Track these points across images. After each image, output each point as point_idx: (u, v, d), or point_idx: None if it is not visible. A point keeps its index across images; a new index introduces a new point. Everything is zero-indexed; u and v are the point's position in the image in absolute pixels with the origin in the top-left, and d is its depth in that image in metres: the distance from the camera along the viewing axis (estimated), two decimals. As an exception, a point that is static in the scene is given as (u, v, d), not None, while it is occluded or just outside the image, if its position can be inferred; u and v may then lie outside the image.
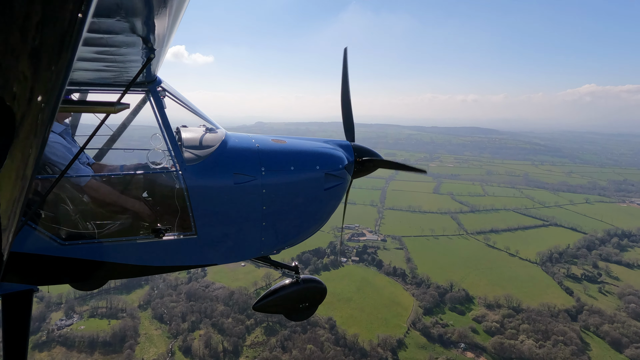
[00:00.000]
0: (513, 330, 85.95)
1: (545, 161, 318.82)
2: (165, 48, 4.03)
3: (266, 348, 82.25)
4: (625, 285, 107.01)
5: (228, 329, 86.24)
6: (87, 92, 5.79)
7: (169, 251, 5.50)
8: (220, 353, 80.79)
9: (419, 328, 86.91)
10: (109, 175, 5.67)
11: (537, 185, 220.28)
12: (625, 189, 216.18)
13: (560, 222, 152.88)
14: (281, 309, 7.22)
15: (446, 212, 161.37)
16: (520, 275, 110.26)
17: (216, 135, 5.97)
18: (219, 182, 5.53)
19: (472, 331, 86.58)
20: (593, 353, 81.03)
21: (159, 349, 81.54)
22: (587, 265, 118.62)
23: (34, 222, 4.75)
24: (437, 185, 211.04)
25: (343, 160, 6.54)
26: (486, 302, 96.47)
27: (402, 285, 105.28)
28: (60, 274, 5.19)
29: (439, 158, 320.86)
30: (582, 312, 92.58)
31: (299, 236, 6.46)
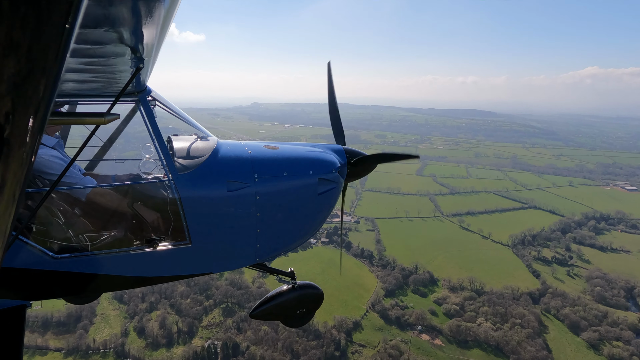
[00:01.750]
0: (472, 312, 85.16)
1: (537, 144, 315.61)
2: (155, 57, 3.98)
3: (222, 329, 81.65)
4: (594, 269, 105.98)
5: (185, 310, 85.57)
6: (77, 104, 5.74)
7: (163, 261, 5.45)
8: (174, 334, 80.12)
9: (378, 310, 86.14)
10: (100, 187, 5.47)
11: (524, 167, 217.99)
12: (613, 172, 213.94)
13: (539, 204, 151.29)
14: (279, 317, 7.20)
15: (425, 194, 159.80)
16: (490, 258, 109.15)
17: (208, 144, 5.90)
18: (212, 190, 5.47)
19: (431, 313, 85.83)
20: (550, 336, 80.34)
21: (114, 330, 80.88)
22: (559, 248, 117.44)
23: (25, 237, 4.65)
24: (421, 167, 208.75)
25: (335, 164, 6.47)
26: (450, 285, 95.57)
27: (368, 267, 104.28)
28: (53, 288, 5.13)
29: (430, 140, 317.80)
30: (545, 295, 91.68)
31: (294, 242, 6.43)
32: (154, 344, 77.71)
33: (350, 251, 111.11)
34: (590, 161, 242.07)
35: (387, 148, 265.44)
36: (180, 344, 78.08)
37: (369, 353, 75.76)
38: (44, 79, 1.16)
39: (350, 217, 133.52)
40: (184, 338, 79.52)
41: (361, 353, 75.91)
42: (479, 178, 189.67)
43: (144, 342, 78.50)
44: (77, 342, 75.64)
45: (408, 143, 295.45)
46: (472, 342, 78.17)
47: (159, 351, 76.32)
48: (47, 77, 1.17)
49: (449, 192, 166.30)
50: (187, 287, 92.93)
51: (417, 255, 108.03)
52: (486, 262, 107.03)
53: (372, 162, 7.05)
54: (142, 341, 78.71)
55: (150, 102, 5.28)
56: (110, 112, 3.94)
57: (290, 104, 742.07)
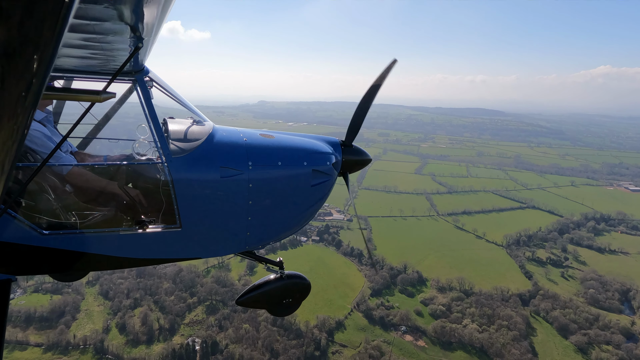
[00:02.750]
0: (459, 314, 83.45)
1: (543, 143, 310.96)
2: (154, 38, 3.96)
3: (203, 327, 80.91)
4: (590, 270, 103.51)
5: (169, 307, 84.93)
6: (72, 80, 5.63)
7: (152, 243, 5.40)
8: (155, 331, 79.53)
9: (362, 310, 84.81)
10: (92, 165, 5.48)
11: (526, 167, 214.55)
12: (618, 172, 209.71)
13: (538, 204, 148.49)
14: (264, 305, 7.14)
15: (422, 193, 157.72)
16: (482, 258, 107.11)
17: (203, 128, 5.80)
18: (205, 176, 5.37)
19: (416, 314, 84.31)
20: (537, 339, 78.38)
21: (96, 326, 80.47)
22: (555, 249, 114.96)
23: (14, 211, 4.59)
24: (421, 166, 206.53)
25: (331, 156, 6.35)
26: (438, 285, 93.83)
27: (357, 266, 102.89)
28: (40, 264, 5.13)
29: (433, 139, 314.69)
30: (535, 297, 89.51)
31: (285, 232, 6.35)
32: (134, 341, 77.13)
33: (340, 250, 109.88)
34: (596, 161, 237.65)
35: (390, 146, 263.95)
36: (160, 341, 77.42)
37: (349, 353, 74.53)
38: (39, 52, 1.13)
39: (343, 215, 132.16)
40: (165, 335, 78.85)
41: (342, 353, 74.69)
42: (478, 177, 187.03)
43: (125, 338, 77.97)
44: (58, 337, 75.29)
45: (411, 141, 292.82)
46: (457, 343, 76.46)
47: (138, 348, 75.71)
48: (42, 51, 1.13)
49: (446, 191, 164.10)
50: (172, 283, 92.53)
51: (408, 255, 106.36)
52: (478, 262, 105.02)
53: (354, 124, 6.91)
54: (123, 337, 78.21)
55: (147, 83, 5.15)
56: (107, 90, 3.85)
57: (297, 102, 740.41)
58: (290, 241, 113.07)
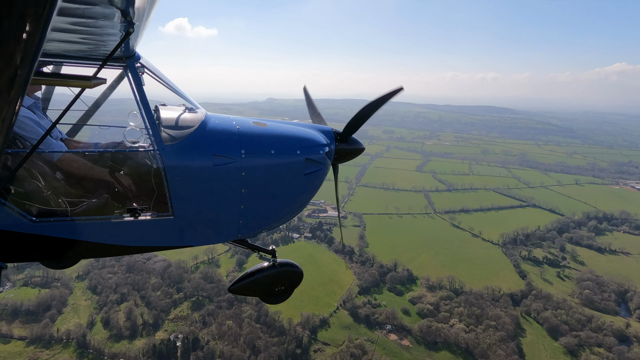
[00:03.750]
0: (446, 313, 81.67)
1: (551, 141, 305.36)
2: (145, 23, 3.90)
3: (187, 322, 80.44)
4: (587, 270, 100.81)
5: (154, 302, 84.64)
6: (62, 65, 5.49)
7: (144, 231, 5.32)
8: (139, 326, 79.25)
9: (348, 307, 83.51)
10: (82, 152, 5.42)
11: (531, 165, 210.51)
12: (627, 171, 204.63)
13: (539, 203, 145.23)
14: (257, 292, 7.15)
15: (420, 191, 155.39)
16: (476, 257, 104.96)
17: (196, 116, 5.70)
18: (198, 163, 5.29)
19: (403, 313, 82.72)
20: (526, 340, 76.31)
21: (81, 320, 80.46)
22: (553, 249, 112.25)
23: (4, 198, 4.53)
24: (422, 164, 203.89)
25: (324, 146, 6.29)
26: (429, 284, 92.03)
27: (347, 263, 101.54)
28: (30, 252, 5.01)
29: (438, 136, 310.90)
30: (527, 297, 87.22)
31: (277, 220, 6.31)
32: (117, 336, 76.88)
33: (331, 247, 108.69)
34: (605, 159, 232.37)
35: (393, 144, 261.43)
36: (143, 336, 77.10)
37: (332, 351, 73.32)
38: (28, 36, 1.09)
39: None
40: (149, 330, 78.49)
41: (324, 351, 73.53)
42: (480, 175, 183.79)
43: (108, 333, 77.78)
44: (42, 331, 75.31)
45: (415, 139, 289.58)
46: (442, 343, 74.76)
47: (120, 343, 75.42)
48: (31, 34, 1.10)
49: (446, 188, 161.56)
50: (160, 279, 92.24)
51: (400, 253, 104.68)
52: (472, 261, 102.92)
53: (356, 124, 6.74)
54: (106, 332, 78.03)
55: (138, 69, 5.03)
56: (97, 76, 3.83)
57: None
58: (282, 238, 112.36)
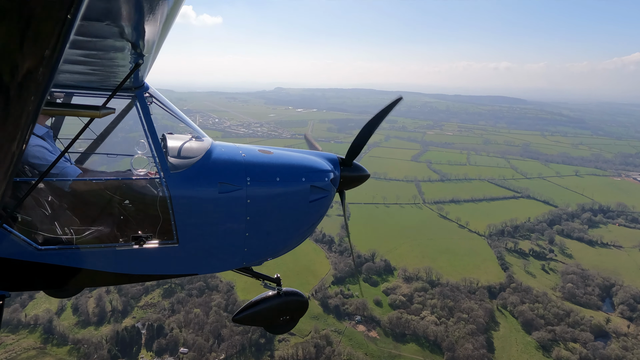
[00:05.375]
0: (419, 305, 79.69)
1: (559, 132, 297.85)
2: (155, 54, 3.97)
3: (156, 310, 79.91)
4: (574, 264, 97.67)
5: (125, 288, 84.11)
6: (72, 95, 5.58)
7: (149, 259, 5.27)
8: (108, 312, 78.99)
9: (319, 298, 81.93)
10: (90, 180, 5.30)
11: (532, 156, 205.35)
12: (632, 163, 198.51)
13: (533, 194, 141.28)
14: (262, 322, 7.00)
15: (412, 180, 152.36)
16: (460, 248, 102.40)
17: (202, 144, 5.71)
18: (203, 191, 5.25)
19: (375, 304, 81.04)
20: (498, 333, 74.10)
21: (52, 306, 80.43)
22: (541, 241, 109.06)
23: (10, 226, 4.46)
24: (419, 153, 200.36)
25: (329, 172, 6.18)
26: (405, 275, 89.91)
27: (326, 252, 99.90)
28: (34, 280, 4.93)
29: (441, 126, 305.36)
30: (505, 290, 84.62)
31: (283, 248, 6.16)
32: (84, 322, 76.77)
33: (312, 236, 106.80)
34: (611, 151, 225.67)
35: (394, 133, 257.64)
36: (110, 323, 76.79)
37: (297, 342, 72.04)
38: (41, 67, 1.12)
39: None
40: (117, 317, 78.15)
41: (288, 341, 72.26)
42: (477, 165, 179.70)
43: (77, 319, 77.72)
44: (10, 316, 75.21)
45: (417, 129, 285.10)
46: (410, 335, 72.93)
47: (87, 329, 75.23)
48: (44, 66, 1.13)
49: (439, 178, 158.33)
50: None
51: (381, 243, 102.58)
52: (454, 252, 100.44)
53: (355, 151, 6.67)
54: (75, 318, 77.99)
55: (147, 99, 5.07)
56: (106, 106, 3.85)
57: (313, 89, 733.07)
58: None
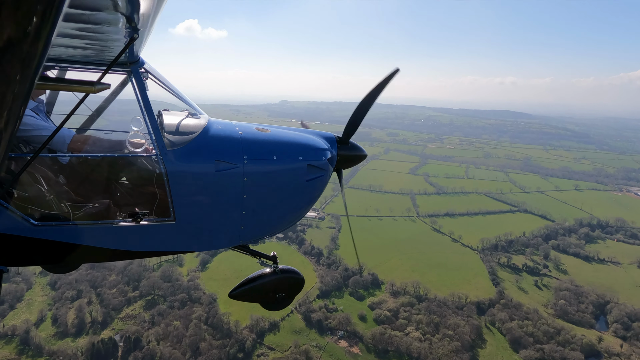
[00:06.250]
0: (404, 320, 77.41)
1: (562, 146, 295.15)
2: (150, 28, 3.95)
3: (137, 322, 78.48)
4: (568, 280, 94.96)
5: (107, 300, 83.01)
6: (66, 70, 5.51)
7: (146, 236, 5.30)
8: (87, 324, 77.68)
9: (302, 311, 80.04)
10: (85, 156, 5.24)
11: (533, 170, 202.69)
12: (635, 178, 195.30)
13: (530, 208, 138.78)
14: (257, 298, 7.01)
15: (407, 193, 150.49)
16: (451, 262, 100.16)
17: (199, 121, 5.68)
18: (200, 169, 5.27)
19: (359, 318, 78.93)
20: (484, 351, 71.64)
21: (32, 316, 79.35)
22: (536, 256, 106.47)
23: (6, 201, 4.51)
24: (417, 166, 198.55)
25: (326, 151, 6.20)
26: (393, 289, 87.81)
27: (314, 265, 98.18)
28: (32, 256, 5.05)
29: (443, 139, 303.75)
30: (494, 306, 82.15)
31: (279, 226, 6.28)
32: (62, 333, 75.41)
33: (301, 248, 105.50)
34: (614, 165, 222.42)
35: (394, 146, 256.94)
36: (89, 334, 75.42)
37: (276, 356, 70.17)
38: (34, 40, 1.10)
39: (316, 213, 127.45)
40: (95, 329, 76.77)
41: (267, 356, 70.36)
42: (475, 179, 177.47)
43: (55, 330, 76.43)
44: (-12, 325, 74.49)
45: (419, 142, 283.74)
46: (393, 352, 70.61)
47: (64, 340, 73.87)
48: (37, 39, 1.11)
49: (435, 191, 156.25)
50: (117, 275, 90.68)
51: (371, 256, 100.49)
52: (445, 266, 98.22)
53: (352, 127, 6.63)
54: (53, 329, 76.70)
55: (142, 74, 5.01)
56: (101, 81, 3.82)
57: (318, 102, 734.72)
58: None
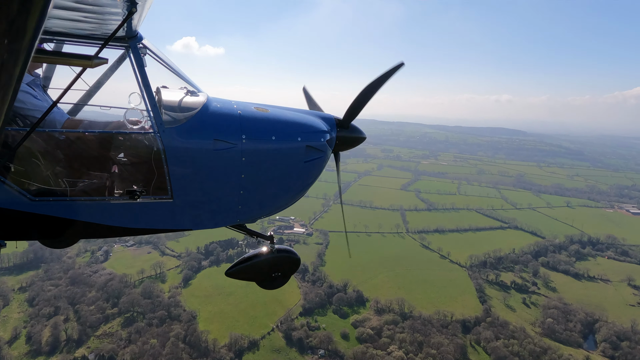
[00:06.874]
0: (387, 339, 75.61)
1: (555, 163, 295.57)
2: (148, 3, 3.89)
3: (113, 339, 76.43)
4: (557, 298, 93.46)
5: (84, 317, 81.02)
6: (63, 44, 5.37)
7: (143, 213, 5.28)
8: (62, 342, 75.59)
9: (283, 329, 78.19)
10: (83, 132, 5.24)
11: (525, 186, 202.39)
12: (627, 195, 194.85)
13: (521, 225, 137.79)
14: (253, 277, 7.03)
15: (398, 209, 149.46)
16: (438, 280, 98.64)
17: (198, 99, 5.60)
18: (198, 147, 5.22)
19: (342, 337, 77.13)
20: (469, 372, 69.70)
21: (5, 334, 77.24)
22: (525, 273, 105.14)
23: (3, 176, 4.50)
24: (409, 182, 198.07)
25: (325, 133, 6.16)
26: (378, 306, 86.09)
27: (298, 282, 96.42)
28: (29, 230, 5.03)
29: (437, 156, 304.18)
30: (480, 324, 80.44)
31: (276, 207, 6.18)
32: (36, 352, 73.30)
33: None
34: (607, 182, 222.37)
35: (387, 162, 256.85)
36: (63, 352, 73.33)
37: (254, 377, 68.20)
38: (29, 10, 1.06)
39: (304, 229, 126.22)
40: (70, 347, 74.72)
41: (245, 376, 68.38)
42: (467, 195, 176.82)
43: (29, 348, 74.29)
44: (-38, 343, 72.38)
45: (412, 158, 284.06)
46: (374, 372, 68.77)
47: (36, 359, 71.77)
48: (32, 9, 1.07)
49: (425, 207, 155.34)
50: (97, 291, 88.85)
51: (357, 272, 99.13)
52: (432, 283, 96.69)
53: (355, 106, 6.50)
54: (27, 347, 74.56)
55: (140, 50, 4.93)
56: (99, 55, 3.76)
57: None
58: (237, 254, 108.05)
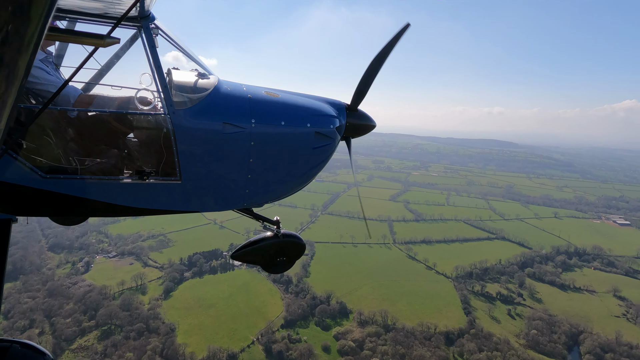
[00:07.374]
0: (369, 351, 74.27)
1: (545, 175, 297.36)
2: None
3: (89, 353, 74.38)
4: (542, 309, 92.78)
5: (60, 330, 78.95)
6: (76, 22, 5.35)
7: (151, 194, 5.28)
8: (35, 355, 73.25)
9: (263, 342, 76.62)
10: (94, 111, 5.22)
11: (514, 197, 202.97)
12: (614, 206, 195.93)
13: (508, 235, 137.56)
14: (258, 260, 7.12)
15: (385, 220, 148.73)
16: (423, 291, 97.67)
17: (208, 81, 5.59)
18: (208, 130, 5.24)
19: (323, 349, 75.65)
20: (451, 384, 68.50)
21: (-23, 347, 74.82)
22: (511, 284, 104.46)
23: (15, 152, 4.53)
24: (398, 193, 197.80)
25: (335, 120, 6.17)
26: (361, 318, 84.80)
27: (282, 293, 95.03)
28: (40, 207, 5.07)
29: (428, 167, 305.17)
30: (464, 336, 79.41)
31: (283, 192, 6.19)
32: (7, 366, 70.97)
33: (270, 276, 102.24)
34: (595, 194, 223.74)
35: (378, 173, 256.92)
36: (35, 368, 71.02)
37: (231, 391, 66.49)
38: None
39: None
40: (43, 361, 72.42)
41: (222, 391, 66.65)
42: (455, 206, 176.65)
43: (-1, 362, 71.95)
44: None
45: (403, 169, 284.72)
46: (355, 386, 67.39)
47: (7, 374, 69.45)
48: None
49: (413, 218, 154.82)
50: (75, 304, 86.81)
51: (341, 284, 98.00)
52: (417, 294, 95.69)
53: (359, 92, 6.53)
54: (-2, 362, 72.23)
55: (152, 30, 4.92)
56: (111, 35, 3.77)
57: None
58: (221, 265, 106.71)
